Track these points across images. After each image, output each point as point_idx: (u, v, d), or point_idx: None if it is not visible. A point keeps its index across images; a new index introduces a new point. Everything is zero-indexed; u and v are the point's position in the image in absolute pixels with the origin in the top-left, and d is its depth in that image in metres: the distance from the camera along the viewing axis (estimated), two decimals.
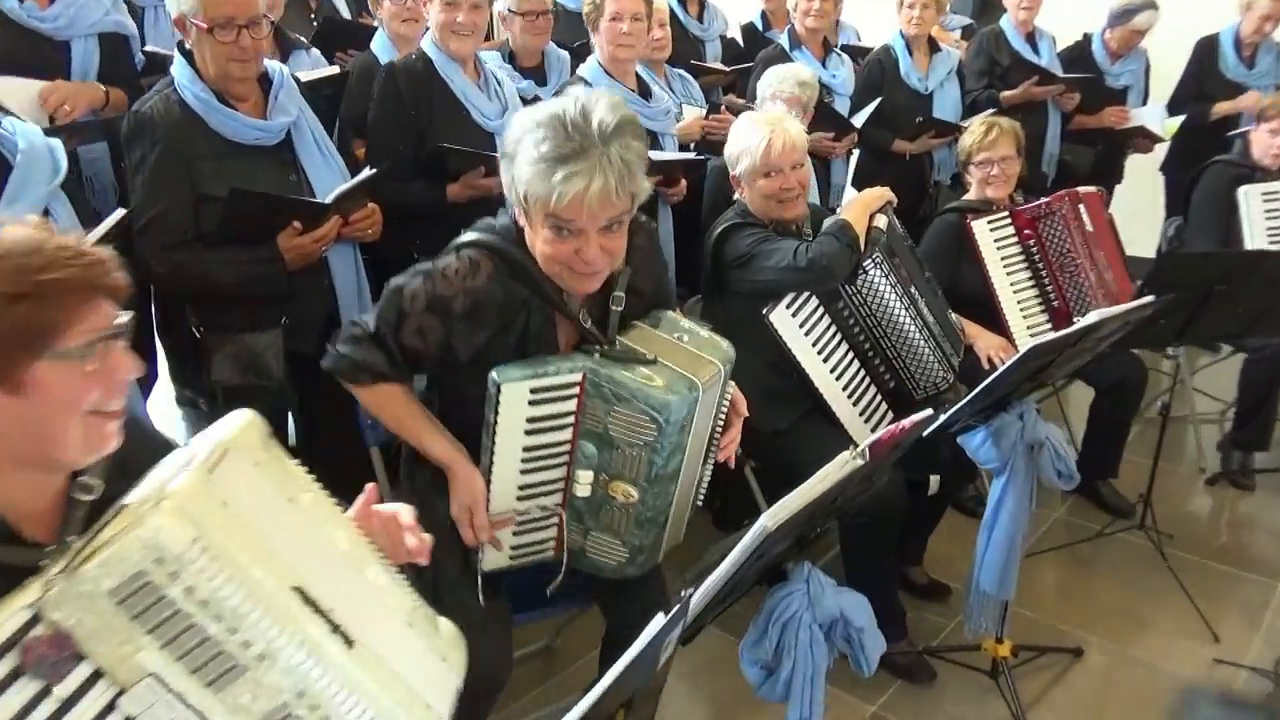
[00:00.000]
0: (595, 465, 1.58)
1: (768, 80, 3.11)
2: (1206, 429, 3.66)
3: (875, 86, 3.93)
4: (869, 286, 2.32)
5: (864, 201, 2.39)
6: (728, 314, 2.40)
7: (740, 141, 2.40)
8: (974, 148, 3.07)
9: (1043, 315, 3.01)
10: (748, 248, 2.31)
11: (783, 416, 2.37)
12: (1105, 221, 3.12)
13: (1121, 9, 4.26)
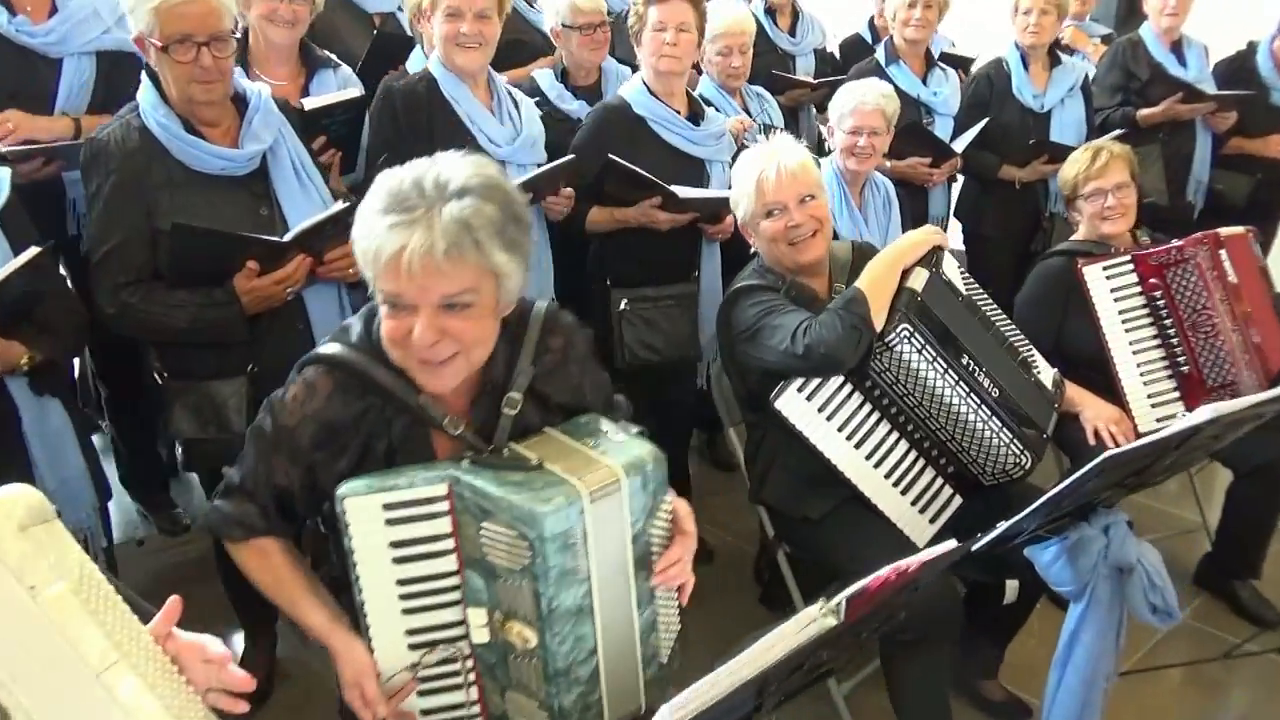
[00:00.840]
0: (485, 601, 1.28)
1: (841, 98, 2.73)
2: None
3: (982, 104, 3.47)
4: (899, 364, 1.88)
5: (894, 256, 1.96)
6: (748, 387, 2.08)
7: (736, 185, 2.05)
8: (1080, 178, 2.62)
9: (1169, 381, 2.50)
10: (752, 319, 1.95)
11: (815, 505, 2.00)
12: (1255, 270, 2.58)
13: None
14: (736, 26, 2.97)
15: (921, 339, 1.87)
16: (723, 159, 2.58)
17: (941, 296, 2.00)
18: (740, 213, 2.04)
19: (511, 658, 1.28)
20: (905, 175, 3.26)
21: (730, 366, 2.10)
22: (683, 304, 2.57)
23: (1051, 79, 3.45)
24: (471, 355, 1.27)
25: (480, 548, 1.23)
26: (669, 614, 1.41)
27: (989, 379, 1.96)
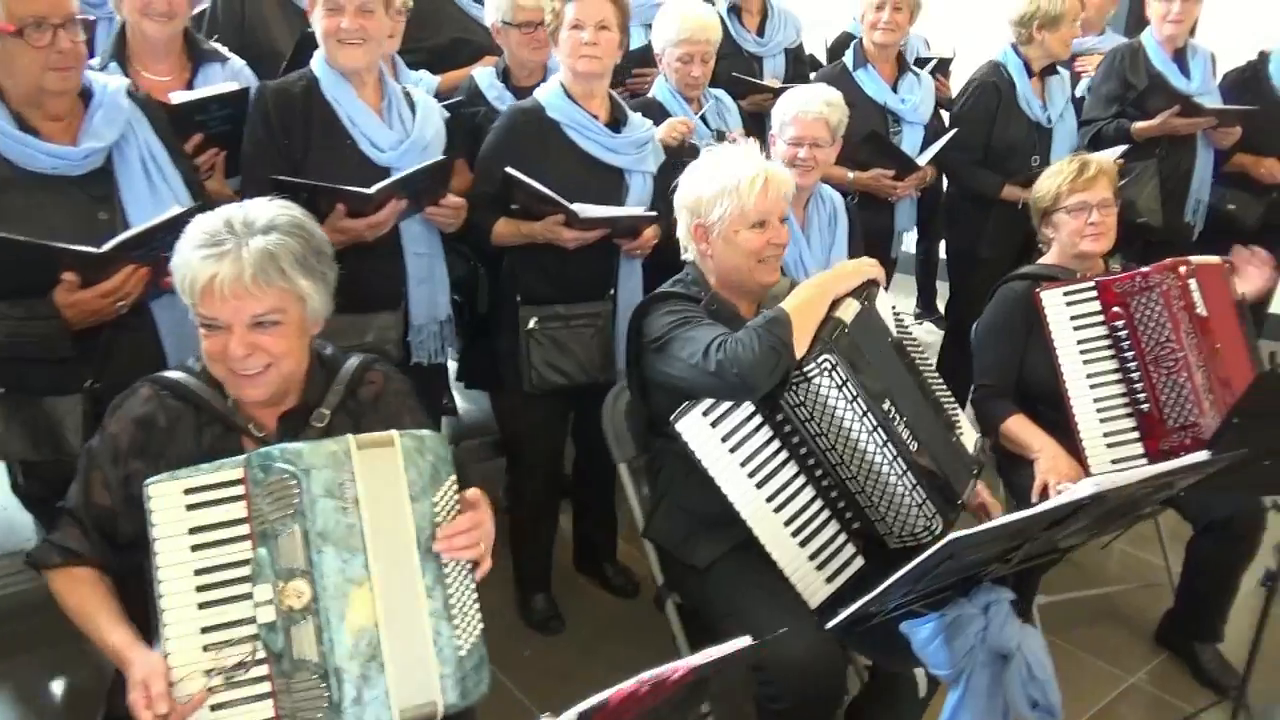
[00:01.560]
0: (269, 573, 1.28)
1: (783, 105, 2.53)
2: None
3: (989, 117, 3.19)
4: (815, 399, 1.68)
5: (826, 281, 1.79)
6: (650, 406, 1.91)
7: (719, 180, 1.83)
8: (1064, 189, 2.39)
9: (1128, 420, 2.27)
10: (664, 329, 1.78)
11: (705, 550, 1.82)
12: (1229, 304, 2.35)
13: None
14: (700, 34, 2.78)
15: (843, 375, 1.67)
16: (644, 169, 2.39)
17: (871, 333, 1.80)
18: (716, 214, 1.83)
19: (293, 630, 1.27)
20: (868, 188, 3.06)
21: (634, 381, 1.92)
22: (596, 324, 2.39)
23: (1049, 90, 3.21)
24: (281, 366, 1.41)
25: (264, 513, 1.28)
26: (464, 604, 1.36)
27: (909, 431, 1.75)
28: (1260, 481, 1.84)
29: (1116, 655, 2.56)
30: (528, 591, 2.64)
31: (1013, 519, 1.21)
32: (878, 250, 2.49)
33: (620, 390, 2.09)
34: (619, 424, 2.06)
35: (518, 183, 2.17)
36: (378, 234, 2.01)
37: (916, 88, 3.16)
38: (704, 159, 1.92)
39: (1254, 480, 1.84)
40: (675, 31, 2.77)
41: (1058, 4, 3.02)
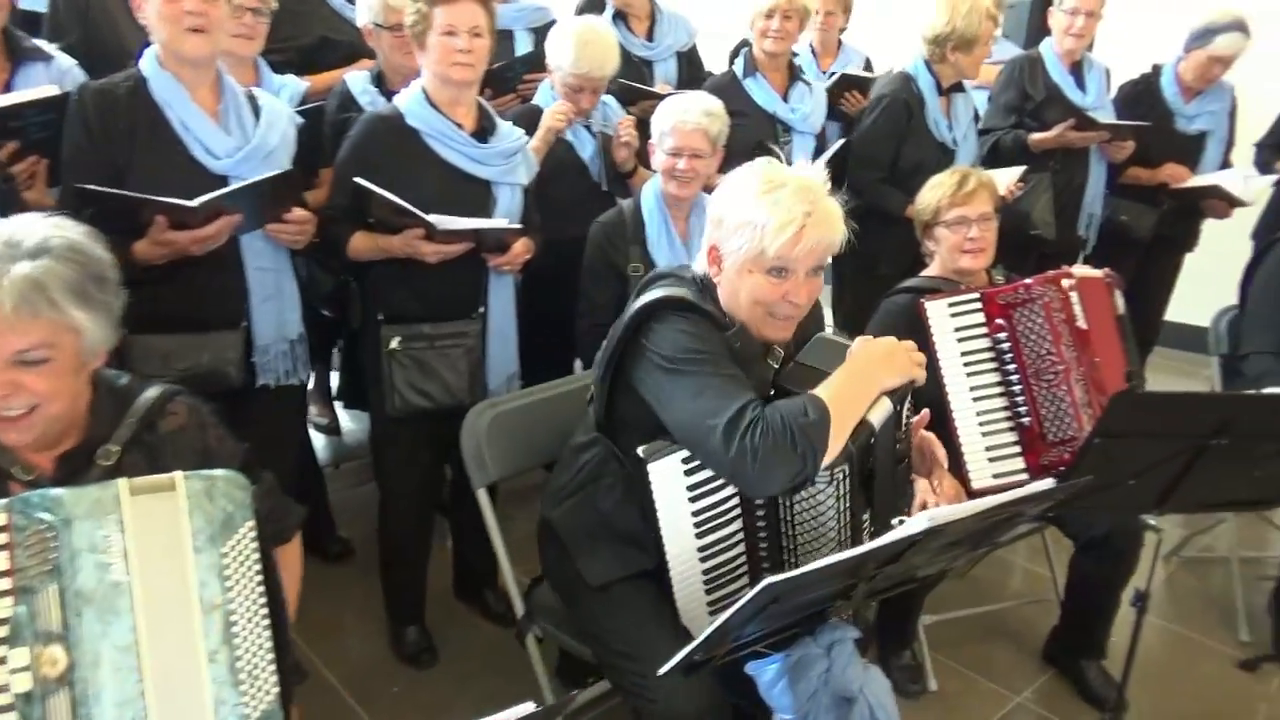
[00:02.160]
0: (27, 635, 1.13)
1: (661, 114, 2.44)
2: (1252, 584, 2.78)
3: (895, 134, 3.09)
4: (807, 505, 1.48)
5: (877, 370, 1.51)
6: (616, 404, 1.67)
7: (750, 207, 1.52)
8: (944, 203, 2.37)
9: (1010, 434, 2.23)
10: (683, 354, 1.50)
11: (601, 565, 1.68)
12: (1110, 318, 2.31)
13: (1201, 29, 3.38)
14: (597, 72, 2.66)
15: (849, 486, 1.48)
16: (513, 181, 2.28)
17: (887, 440, 1.55)
18: (733, 245, 1.53)
19: (49, 701, 1.11)
20: None
21: (609, 371, 1.63)
22: (464, 344, 2.26)
23: (954, 109, 3.16)
24: (49, 408, 1.25)
25: (25, 565, 1.13)
26: (256, 666, 1.21)
27: (869, 538, 1.55)
28: (1127, 502, 1.79)
29: (1004, 674, 2.52)
30: (399, 624, 2.51)
31: (839, 559, 1.13)
32: None
33: (483, 409, 1.96)
34: (479, 446, 1.94)
35: (369, 194, 2.05)
36: (207, 248, 1.86)
37: (807, 97, 3.10)
38: (755, 170, 1.60)
39: (1120, 501, 1.79)
40: (570, 63, 2.63)
41: (974, 26, 2.95)
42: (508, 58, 3.10)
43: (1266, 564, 2.92)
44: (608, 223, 2.49)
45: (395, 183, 2.09)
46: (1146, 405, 1.64)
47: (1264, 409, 1.60)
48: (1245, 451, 1.67)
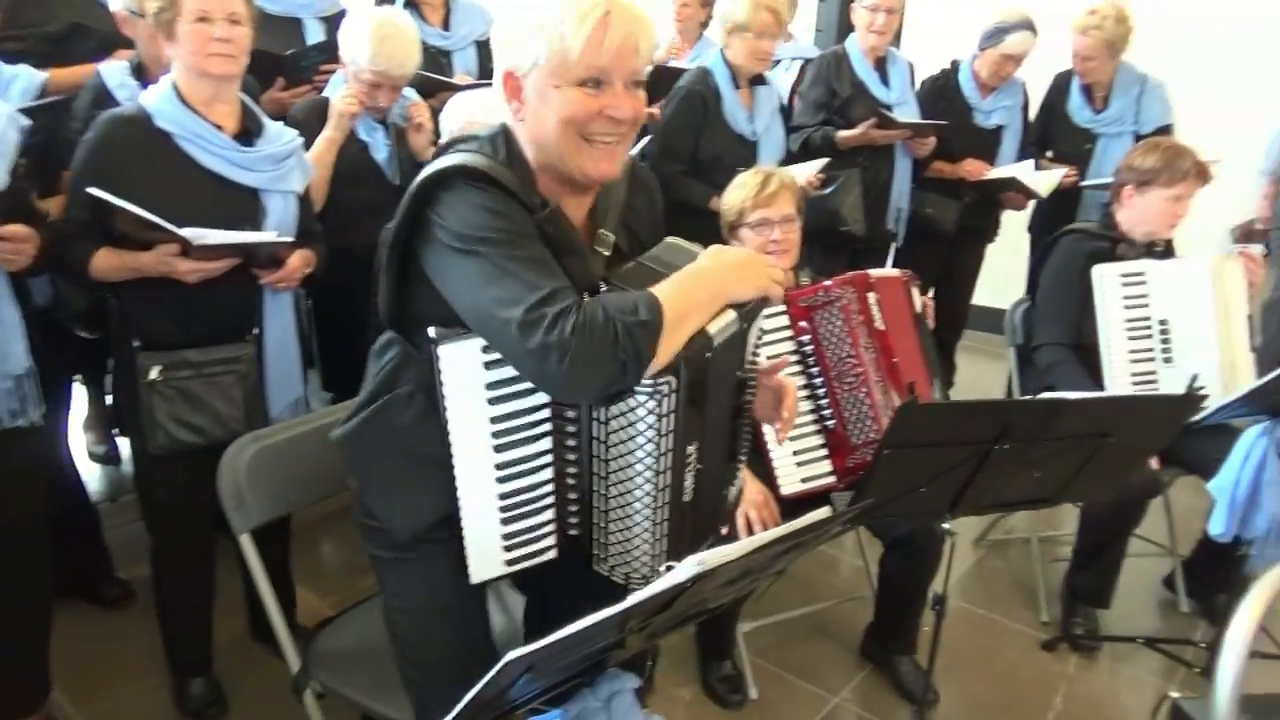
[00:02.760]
0: None
1: (450, 111, 2.30)
2: (1049, 564, 2.91)
3: (693, 126, 3.06)
4: (624, 417, 1.29)
5: (726, 278, 1.33)
6: (412, 290, 1.37)
7: (540, 12, 1.28)
8: (747, 205, 2.32)
9: (817, 437, 2.24)
10: (478, 231, 1.24)
11: (409, 511, 1.43)
12: (908, 317, 2.33)
13: (993, 29, 3.50)
14: (397, 69, 2.48)
15: (672, 404, 1.27)
16: (285, 188, 2.08)
17: (726, 361, 1.37)
18: (522, 60, 1.29)
19: None
20: None
21: (394, 249, 1.34)
22: (238, 370, 2.06)
23: (756, 101, 3.13)
24: None
25: None
26: None
27: (695, 482, 1.40)
28: (921, 509, 1.79)
29: (824, 675, 2.52)
30: (182, 675, 2.28)
31: (596, 620, 1.04)
32: None
33: (244, 444, 1.75)
34: (239, 486, 1.72)
35: (107, 206, 1.82)
36: None
37: None
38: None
39: (914, 508, 1.79)
40: (368, 60, 2.44)
41: (740, 12, 2.95)
42: (298, 47, 2.89)
43: (1061, 542, 3.06)
44: None
45: (144, 193, 1.87)
46: (930, 415, 1.64)
47: (1039, 413, 1.61)
48: (1026, 454, 1.69)
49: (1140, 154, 2.64)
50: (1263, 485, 2.12)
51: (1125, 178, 2.63)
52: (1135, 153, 2.67)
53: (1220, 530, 2.19)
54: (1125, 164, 2.66)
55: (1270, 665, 2.50)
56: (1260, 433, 2.11)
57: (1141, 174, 2.59)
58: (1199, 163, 2.57)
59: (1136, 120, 3.59)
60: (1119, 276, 2.54)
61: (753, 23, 2.96)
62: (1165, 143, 2.68)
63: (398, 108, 2.66)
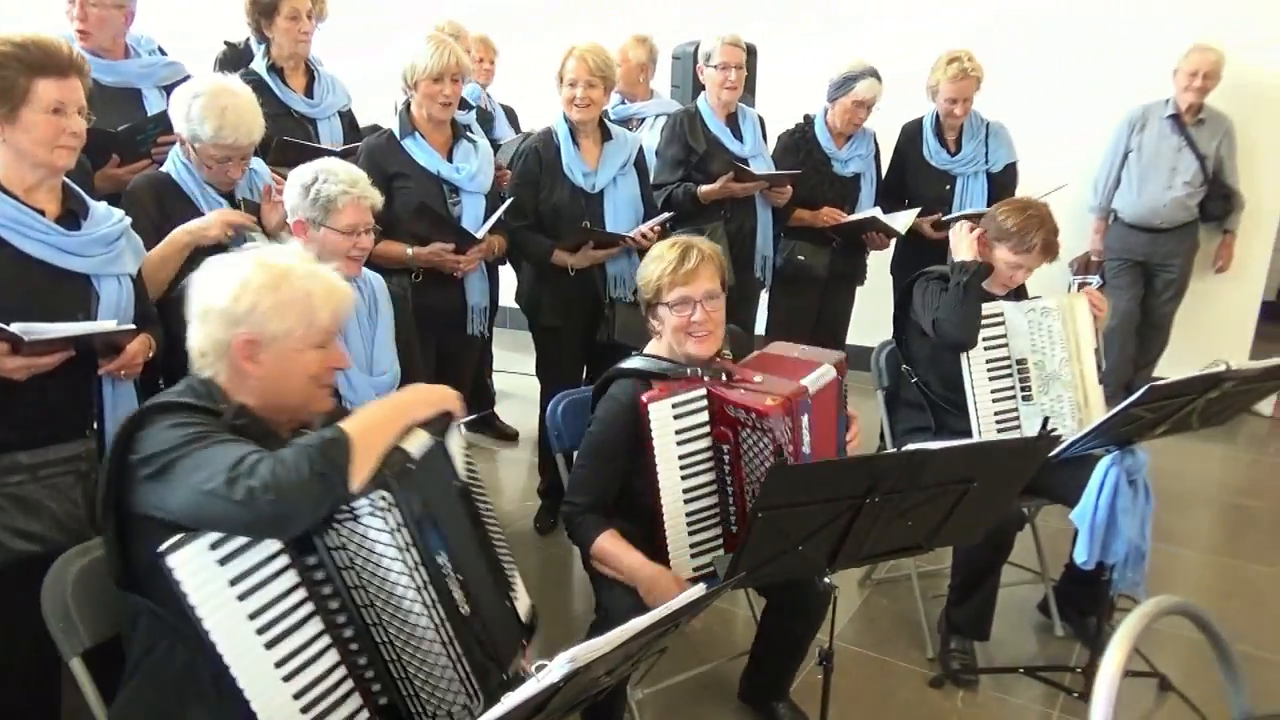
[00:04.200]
0: None
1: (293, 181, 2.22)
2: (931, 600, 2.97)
3: (531, 181, 3.12)
4: (359, 543, 1.40)
5: (402, 404, 1.53)
6: (139, 549, 1.40)
7: (284, 290, 1.53)
8: (664, 280, 2.10)
9: (715, 529, 2.11)
10: (170, 446, 1.37)
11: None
12: (834, 418, 2.16)
13: (841, 78, 3.64)
14: (245, 139, 2.37)
15: (399, 518, 1.39)
16: (119, 270, 1.96)
17: (438, 473, 1.54)
18: (267, 328, 1.51)
19: None
20: (430, 264, 2.84)
21: (110, 522, 1.44)
22: (78, 469, 1.90)
23: (604, 155, 3.15)
24: None
25: None
26: None
27: (462, 592, 1.49)
28: (800, 566, 1.80)
29: (680, 706, 2.50)
30: None
31: None
32: None
33: (70, 558, 1.59)
34: (65, 604, 1.56)
35: None
36: None
37: (473, 156, 2.97)
38: (244, 260, 1.56)
39: (793, 566, 1.79)
40: (211, 135, 2.32)
41: (562, 67, 3.06)
42: (136, 119, 2.76)
43: (943, 576, 3.13)
44: None
45: None
46: (801, 476, 1.64)
47: (905, 466, 1.64)
48: (896, 504, 1.71)
49: (1006, 210, 2.72)
50: (1118, 512, 2.21)
51: (985, 225, 2.73)
52: (1004, 206, 2.76)
53: (1084, 558, 2.27)
54: (992, 211, 2.77)
55: (1145, 682, 2.62)
56: (1111, 462, 2.20)
57: (997, 230, 2.69)
58: (1049, 240, 2.65)
59: (987, 160, 3.81)
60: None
61: (564, 72, 3.04)
62: (1032, 210, 2.69)
63: (245, 180, 2.56)
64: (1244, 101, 4.39)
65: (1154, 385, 1.95)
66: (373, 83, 3.75)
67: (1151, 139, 4.38)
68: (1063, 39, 4.70)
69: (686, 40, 4.30)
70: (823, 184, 3.73)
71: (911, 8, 5.00)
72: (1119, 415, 2.04)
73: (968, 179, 3.82)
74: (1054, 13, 4.73)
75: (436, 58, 2.81)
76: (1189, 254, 4.47)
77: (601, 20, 5.26)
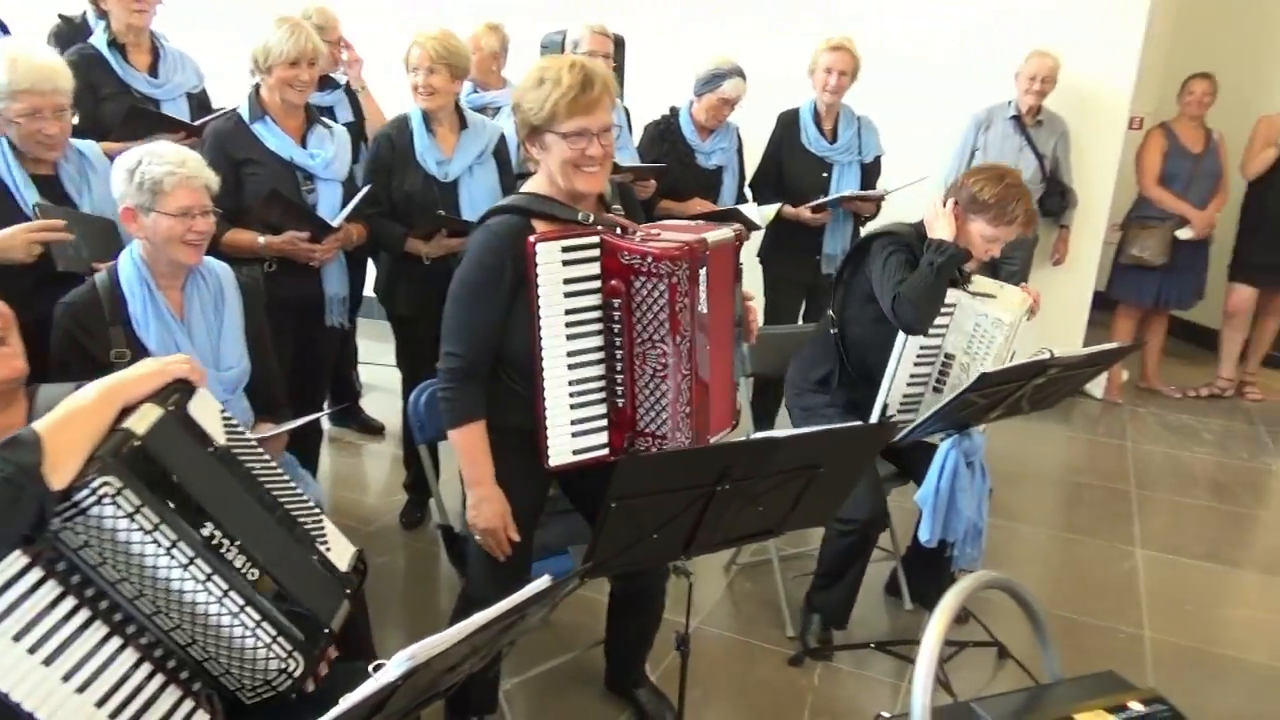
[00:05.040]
0: None
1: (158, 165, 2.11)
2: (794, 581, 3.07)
3: (385, 168, 3.05)
4: (99, 536, 1.30)
5: (111, 386, 1.40)
6: None
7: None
8: (560, 107, 1.83)
9: (600, 406, 1.96)
10: None
11: None
12: (729, 286, 2.04)
13: (708, 75, 3.69)
14: (46, 83, 2.26)
15: (135, 500, 1.32)
16: None
17: (180, 445, 1.45)
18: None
19: None
20: (286, 254, 2.74)
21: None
22: None
23: (459, 144, 3.10)
24: None
25: None
26: None
27: (246, 558, 1.45)
28: (655, 554, 1.83)
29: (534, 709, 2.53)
30: None
31: None
32: None
33: None
34: None
35: None
36: None
37: (328, 141, 2.88)
38: None
39: (649, 554, 1.82)
40: (5, 82, 2.21)
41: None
42: None
43: (805, 558, 3.24)
44: (77, 303, 2.07)
45: None
46: (653, 465, 1.67)
47: (753, 453, 1.68)
48: (747, 491, 1.76)
49: (980, 179, 2.51)
50: (957, 492, 2.34)
51: (957, 196, 2.54)
52: (977, 176, 2.54)
53: (927, 537, 2.39)
54: (962, 181, 2.56)
55: (985, 651, 2.78)
56: (950, 446, 2.33)
57: (972, 201, 2.50)
58: (1030, 211, 2.51)
59: (860, 150, 3.93)
60: None
61: (409, 60, 2.99)
62: (1009, 178, 2.52)
63: (74, 165, 2.42)
64: (1077, 104, 4.69)
65: (985, 373, 2.07)
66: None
67: (996, 139, 4.61)
68: (922, 43, 4.88)
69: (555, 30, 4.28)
70: (687, 176, 3.78)
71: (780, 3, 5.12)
72: (955, 401, 2.16)
73: (843, 167, 3.91)
74: (916, 16, 4.91)
75: (293, 42, 2.72)
76: (1029, 248, 4.74)
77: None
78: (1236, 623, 3.11)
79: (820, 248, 3.92)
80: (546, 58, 1.99)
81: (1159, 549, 3.57)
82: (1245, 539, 3.75)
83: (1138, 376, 5.37)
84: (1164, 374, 5.39)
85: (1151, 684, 2.69)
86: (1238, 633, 3.04)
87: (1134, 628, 3.02)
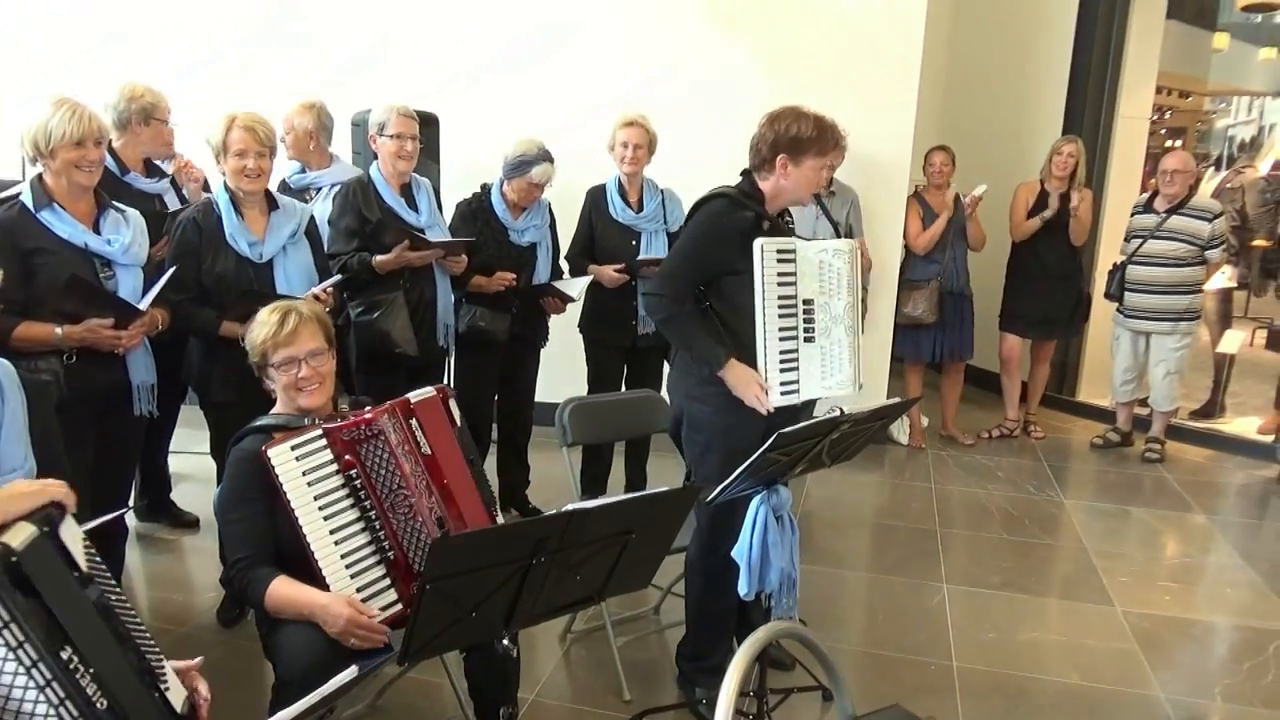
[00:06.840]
0: None
1: None
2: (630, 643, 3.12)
3: (193, 252, 2.97)
4: None
5: None
6: None
7: None
8: (268, 346, 2.30)
9: (379, 568, 2.22)
10: None
11: None
12: (451, 437, 2.39)
13: (517, 160, 3.79)
14: None
15: (5, 614, 1.32)
16: None
17: (50, 567, 1.45)
18: None
19: None
20: (87, 343, 2.63)
21: None
22: None
23: (270, 225, 3.07)
24: None
25: None
26: None
27: (96, 685, 1.42)
28: (476, 632, 1.84)
29: None
30: None
31: None
32: None
33: None
34: None
35: None
36: None
37: (123, 226, 2.78)
38: None
39: (470, 633, 1.83)
40: None
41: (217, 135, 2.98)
42: None
43: (640, 619, 3.30)
44: None
45: None
46: (465, 546, 1.70)
47: (565, 526, 1.74)
48: (563, 562, 1.81)
49: (786, 120, 2.57)
50: (769, 546, 2.46)
51: (778, 148, 2.59)
52: (778, 121, 2.60)
53: (745, 590, 2.50)
54: (772, 135, 2.60)
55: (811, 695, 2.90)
56: (759, 502, 2.45)
57: (796, 143, 2.56)
58: (839, 133, 2.62)
59: (666, 220, 4.11)
60: (775, 252, 2.56)
61: (229, 143, 2.96)
62: (806, 108, 2.60)
63: None
64: (864, 177, 5.10)
65: (782, 432, 2.21)
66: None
67: (796, 210, 4.94)
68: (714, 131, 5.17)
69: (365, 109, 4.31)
70: (500, 252, 3.85)
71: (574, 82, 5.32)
72: (758, 460, 2.28)
73: (651, 235, 4.08)
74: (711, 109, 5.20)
75: (76, 121, 2.63)
76: None
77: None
78: (1033, 646, 3.38)
79: (636, 311, 4.06)
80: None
81: (961, 582, 3.85)
82: (1037, 567, 4.09)
83: (939, 424, 5.80)
84: (962, 419, 5.85)
85: (959, 711, 2.89)
86: (1034, 655, 3.31)
87: (944, 659, 3.23)
